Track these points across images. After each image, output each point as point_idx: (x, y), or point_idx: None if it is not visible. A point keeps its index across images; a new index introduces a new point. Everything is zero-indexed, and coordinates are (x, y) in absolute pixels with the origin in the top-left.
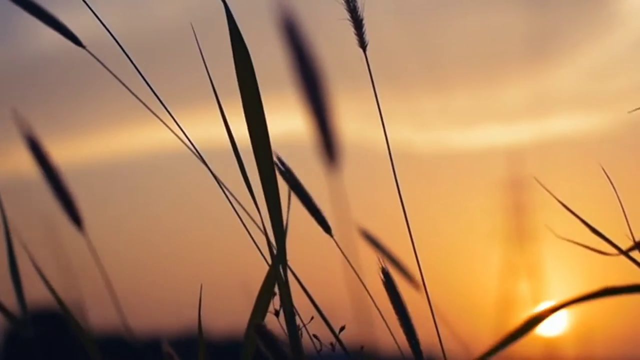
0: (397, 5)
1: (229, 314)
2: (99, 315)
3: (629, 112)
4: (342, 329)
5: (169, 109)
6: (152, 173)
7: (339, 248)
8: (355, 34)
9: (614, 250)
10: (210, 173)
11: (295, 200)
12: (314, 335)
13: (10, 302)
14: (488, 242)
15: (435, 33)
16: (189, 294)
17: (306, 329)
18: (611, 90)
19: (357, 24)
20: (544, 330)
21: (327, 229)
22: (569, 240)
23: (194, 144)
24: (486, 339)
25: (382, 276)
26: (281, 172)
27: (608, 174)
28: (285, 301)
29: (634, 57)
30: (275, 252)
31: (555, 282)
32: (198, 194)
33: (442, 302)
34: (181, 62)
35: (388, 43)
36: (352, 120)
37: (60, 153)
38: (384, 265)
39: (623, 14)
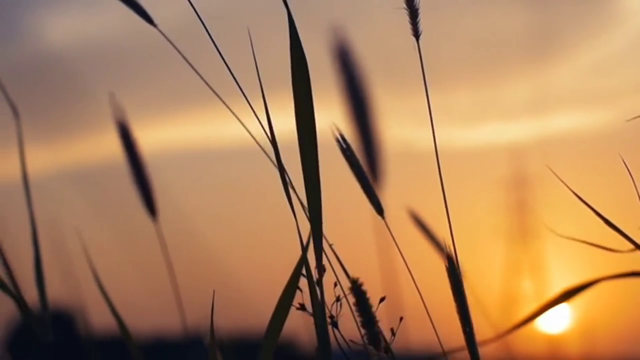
0: (397, 3)
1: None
2: (99, 316)
3: (627, 120)
4: (383, 299)
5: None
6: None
7: (389, 231)
8: (410, 23)
9: (624, 247)
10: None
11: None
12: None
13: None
14: (491, 239)
15: (435, 31)
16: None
17: (347, 298)
18: (613, 88)
19: (413, 12)
20: (546, 327)
21: (379, 210)
22: (572, 239)
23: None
24: (489, 336)
25: (446, 262)
26: (342, 150)
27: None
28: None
29: (635, 54)
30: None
31: (558, 279)
32: (199, 192)
33: (444, 299)
34: (180, 63)
35: (388, 42)
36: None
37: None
38: (449, 252)
39: (624, 11)
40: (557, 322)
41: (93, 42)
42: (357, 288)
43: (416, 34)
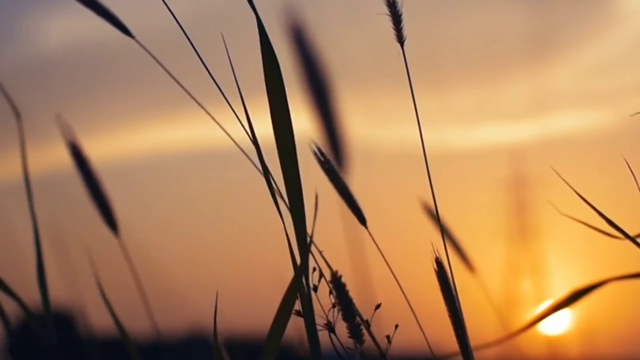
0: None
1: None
2: (100, 316)
3: (631, 115)
4: (378, 306)
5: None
6: (149, 174)
7: (373, 239)
8: (394, 29)
9: (626, 251)
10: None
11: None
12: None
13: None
14: (491, 240)
15: (435, 31)
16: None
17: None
18: (613, 88)
19: (396, 18)
20: (546, 328)
21: (362, 220)
22: (571, 218)
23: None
24: (489, 336)
25: (435, 265)
26: (320, 162)
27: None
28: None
29: (635, 54)
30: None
31: (558, 280)
32: (200, 193)
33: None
34: (179, 62)
35: (388, 42)
36: (357, 120)
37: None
38: (437, 255)
39: (624, 11)
40: (557, 323)
41: (85, 45)
42: (337, 281)
43: (400, 40)
